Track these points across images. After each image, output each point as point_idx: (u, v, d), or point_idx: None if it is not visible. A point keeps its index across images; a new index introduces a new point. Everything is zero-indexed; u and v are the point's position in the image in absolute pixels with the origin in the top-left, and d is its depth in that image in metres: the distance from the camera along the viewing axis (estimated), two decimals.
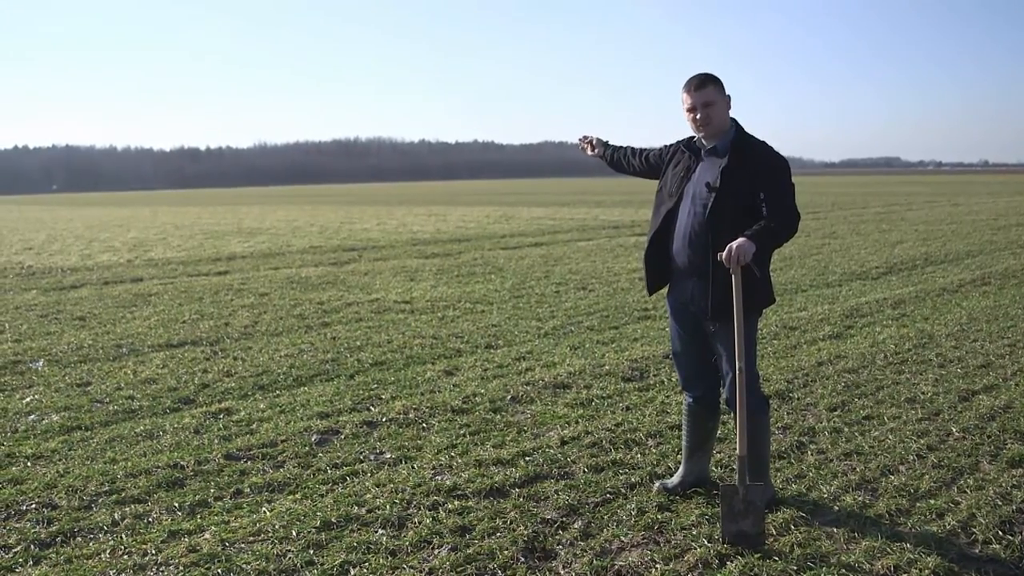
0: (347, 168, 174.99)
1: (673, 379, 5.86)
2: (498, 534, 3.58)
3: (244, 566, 3.31)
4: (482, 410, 5.36)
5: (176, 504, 3.94)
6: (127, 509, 3.89)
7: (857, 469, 4.23)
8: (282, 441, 4.81)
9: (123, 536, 3.61)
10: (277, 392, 5.95)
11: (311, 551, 3.44)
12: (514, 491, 4.03)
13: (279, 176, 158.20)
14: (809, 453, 4.51)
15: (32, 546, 3.54)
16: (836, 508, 3.78)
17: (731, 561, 3.30)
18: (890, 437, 4.70)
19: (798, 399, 5.51)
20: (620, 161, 4.26)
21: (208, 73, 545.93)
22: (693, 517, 3.69)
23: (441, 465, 4.40)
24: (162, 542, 3.55)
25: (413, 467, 4.38)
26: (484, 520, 3.70)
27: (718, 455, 4.36)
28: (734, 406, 3.58)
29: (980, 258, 13.27)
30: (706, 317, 3.67)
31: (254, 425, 5.14)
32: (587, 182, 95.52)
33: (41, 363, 6.92)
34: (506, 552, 3.41)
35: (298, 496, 4.02)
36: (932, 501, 3.82)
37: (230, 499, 4.01)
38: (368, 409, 5.44)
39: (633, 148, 4.23)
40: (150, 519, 3.80)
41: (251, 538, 3.56)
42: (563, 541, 3.52)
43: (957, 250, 14.39)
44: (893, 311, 8.59)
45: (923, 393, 5.56)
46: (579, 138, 4.48)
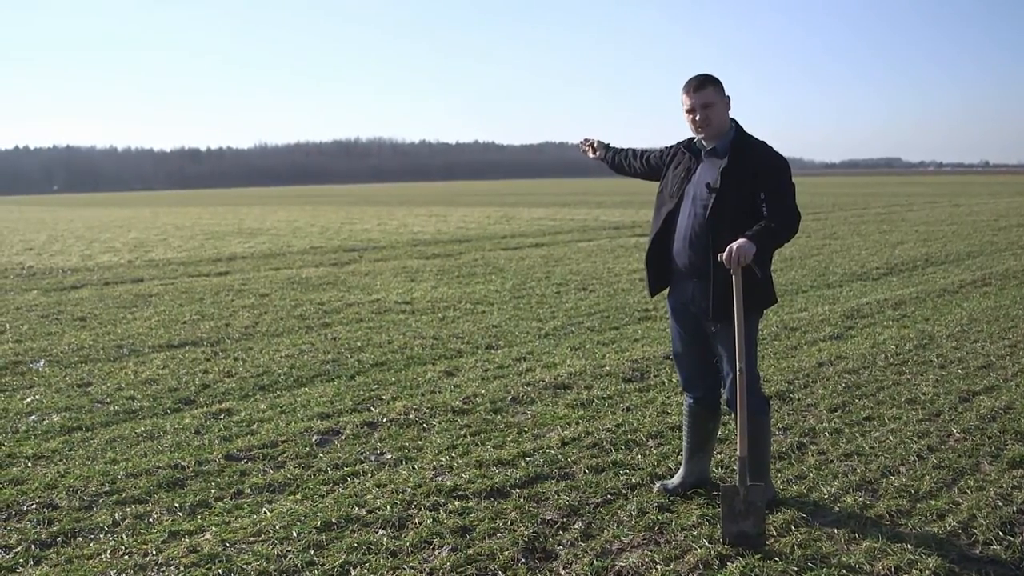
0: (348, 168, 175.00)
1: (674, 380, 5.86)
2: (499, 535, 3.58)
3: (244, 566, 3.31)
4: (483, 411, 5.36)
5: (177, 504, 3.94)
6: (128, 509, 3.89)
7: (858, 470, 4.23)
8: (283, 442, 4.81)
9: (124, 536, 3.62)
10: (278, 393, 5.95)
11: (312, 551, 3.44)
12: (515, 492, 4.03)
13: (280, 176, 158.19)
14: (810, 454, 4.51)
15: (33, 546, 3.54)
16: (837, 509, 3.78)
17: (732, 562, 3.30)
18: (891, 438, 4.70)
19: (799, 400, 5.51)
20: (621, 163, 4.27)
21: (208, 73, 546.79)
22: (694, 518, 3.69)
23: (442, 466, 4.40)
24: (163, 542, 3.55)
25: (414, 468, 4.38)
26: (485, 521, 3.71)
27: (719, 456, 4.36)
28: (735, 407, 3.58)
29: (981, 259, 13.26)
30: (707, 318, 3.68)
31: (255, 426, 5.15)
32: (588, 183, 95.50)
33: (42, 363, 6.93)
34: (507, 553, 3.41)
35: (299, 496, 4.02)
36: (933, 502, 3.83)
37: (231, 499, 4.02)
38: (369, 410, 5.45)
39: (634, 150, 4.24)
40: (151, 519, 3.80)
41: (251, 538, 3.56)
42: (563, 542, 3.52)
43: (958, 251, 14.38)
44: (894, 312, 8.59)
45: (924, 394, 5.56)
46: (580, 140, 4.50)
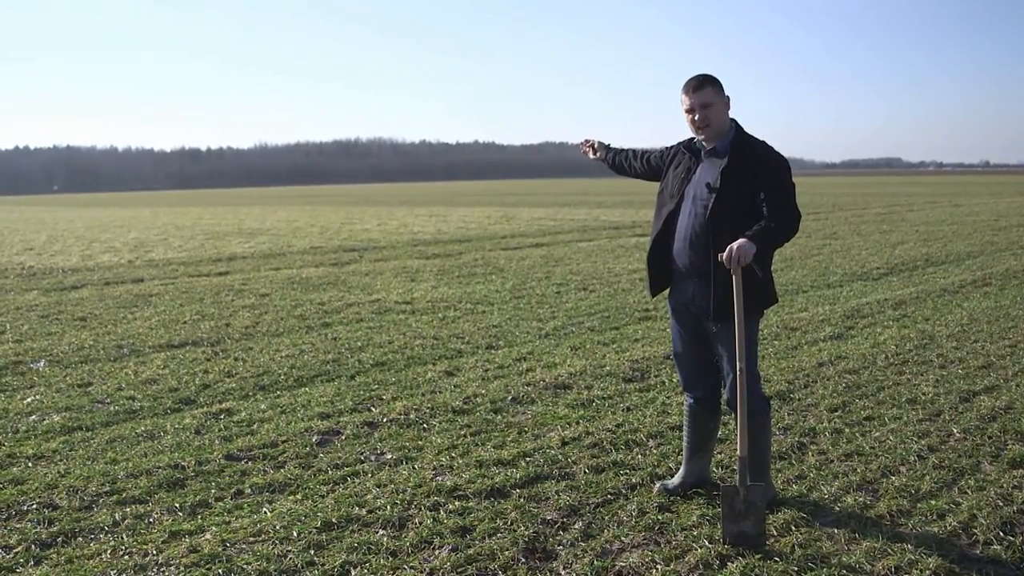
0: (348, 168, 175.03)
1: (674, 380, 5.86)
2: (499, 535, 3.58)
3: (245, 567, 3.31)
4: (483, 411, 5.36)
5: (177, 504, 3.94)
6: (128, 509, 3.89)
7: (858, 470, 4.23)
8: (283, 442, 4.81)
9: (124, 536, 3.62)
10: (278, 393, 5.95)
11: (312, 551, 3.44)
12: (515, 492, 4.03)
13: (280, 176, 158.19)
14: (810, 454, 4.51)
15: (33, 546, 3.54)
16: (837, 509, 3.78)
17: (732, 562, 3.30)
18: (891, 438, 4.70)
19: (799, 400, 5.51)
20: (621, 164, 4.27)
21: (208, 73, 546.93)
22: (694, 518, 3.69)
23: (442, 466, 4.40)
24: (163, 542, 3.55)
25: (414, 468, 4.38)
26: (485, 521, 3.71)
27: (719, 456, 4.36)
28: (735, 407, 3.58)
29: (981, 259, 13.26)
30: (707, 318, 3.68)
31: (255, 426, 5.15)
32: (588, 183, 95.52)
33: (42, 364, 6.93)
34: (507, 553, 3.41)
35: (299, 496, 4.02)
36: (933, 502, 3.82)
37: (231, 499, 4.02)
38: (369, 410, 5.45)
39: (634, 150, 4.23)
40: (151, 519, 3.80)
41: (252, 538, 3.56)
42: (564, 542, 3.52)
43: (958, 251, 14.38)
44: (894, 312, 8.59)
45: (924, 394, 5.56)
46: (581, 141, 4.50)
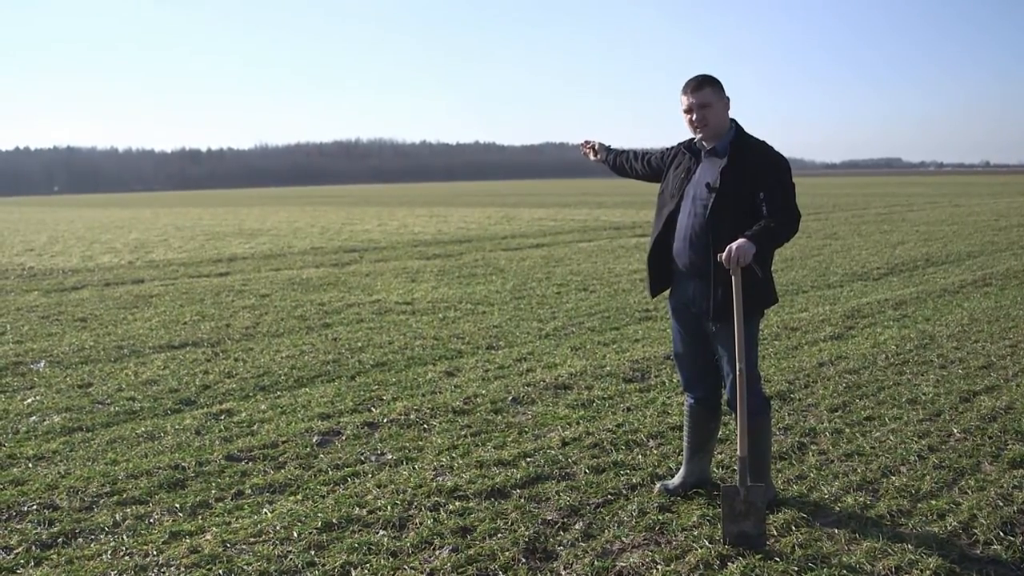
0: (348, 169, 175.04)
1: (674, 380, 5.86)
2: (499, 535, 3.58)
3: (245, 567, 3.31)
4: (483, 411, 5.36)
5: (177, 505, 3.94)
6: (128, 510, 3.89)
7: (858, 470, 4.23)
8: (283, 442, 4.81)
9: (124, 537, 3.62)
10: (278, 393, 5.95)
11: (312, 552, 3.44)
12: (515, 492, 4.03)
13: (280, 177, 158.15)
14: (810, 454, 4.51)
15: (33, 547, 3.55)
16: (837, 509, 3.77)
17: (732, 562, 3.30)
18: (891, 438, 4.70)
19: (799, 400, 5.51)
20: (622, 165, 4.26)
21: (208, 73, 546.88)
22: (694, 518, 3.69)
23: (442, 466, 4.40)
24: (163, 543, 3.55)
25: (414, 468, 4.38)
26: (485, 521, 3.71)
27: (719, 456, 4.36)
28: (735, 407, 3.58)
29: (981, 259, 13.26)
30: (707, 318, 3.68)
31: (255, 426, 5.15)
32: (588, 183, 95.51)
33: (42, 364, 6.93)
34: (507, 553, 3.41)
35: (299, 497, 4.02)
36: (933, 502, 3.82)
37: (231, 500, 4.02)
38: (369, 410, 5.45)
39: (635, 151, 4.23)
40: (151, 520, 3.80)
41: (252, 539, 3.56)
42: (564, 542, 3.52)
43: (958, 251, 14.38)
44: (894, 312, 8.59)
45: (924, 394, 5.55)
46: (581, 142, 4.49)
